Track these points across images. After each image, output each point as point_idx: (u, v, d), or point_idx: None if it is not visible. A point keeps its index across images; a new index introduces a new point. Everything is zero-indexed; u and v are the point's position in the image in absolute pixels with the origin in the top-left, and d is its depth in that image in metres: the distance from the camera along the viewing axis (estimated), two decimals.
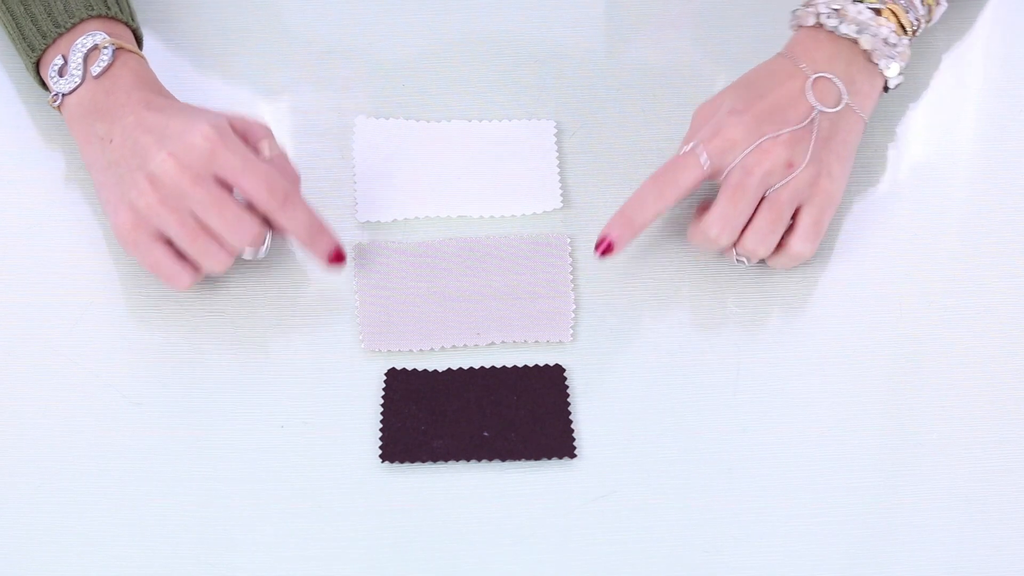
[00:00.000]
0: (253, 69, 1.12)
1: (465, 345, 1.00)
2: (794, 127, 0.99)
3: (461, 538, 0.93)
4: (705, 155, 0.98)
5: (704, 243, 0.99)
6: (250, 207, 0.97)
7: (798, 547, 0.92)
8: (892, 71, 1.03)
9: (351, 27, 1.15)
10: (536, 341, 1.00)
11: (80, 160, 1.07)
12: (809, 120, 0.99)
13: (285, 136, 1.10)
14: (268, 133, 1.00)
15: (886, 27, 1.02)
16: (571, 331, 1.00)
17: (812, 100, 1.00)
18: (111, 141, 0.99)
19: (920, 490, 0.94)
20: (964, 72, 1.14)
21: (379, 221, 1.05)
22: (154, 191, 0.96)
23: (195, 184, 0.96)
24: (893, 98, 1.11)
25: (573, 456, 0.95)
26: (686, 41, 1.15)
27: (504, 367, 0.99)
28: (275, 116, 1.11)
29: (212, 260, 0.97)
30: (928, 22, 1.06)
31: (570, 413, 0.97)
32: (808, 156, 0.98)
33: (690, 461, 0.95)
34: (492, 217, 1.05)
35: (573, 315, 1.01)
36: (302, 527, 0.93)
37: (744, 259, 1.00)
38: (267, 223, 0.99)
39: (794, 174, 0.98)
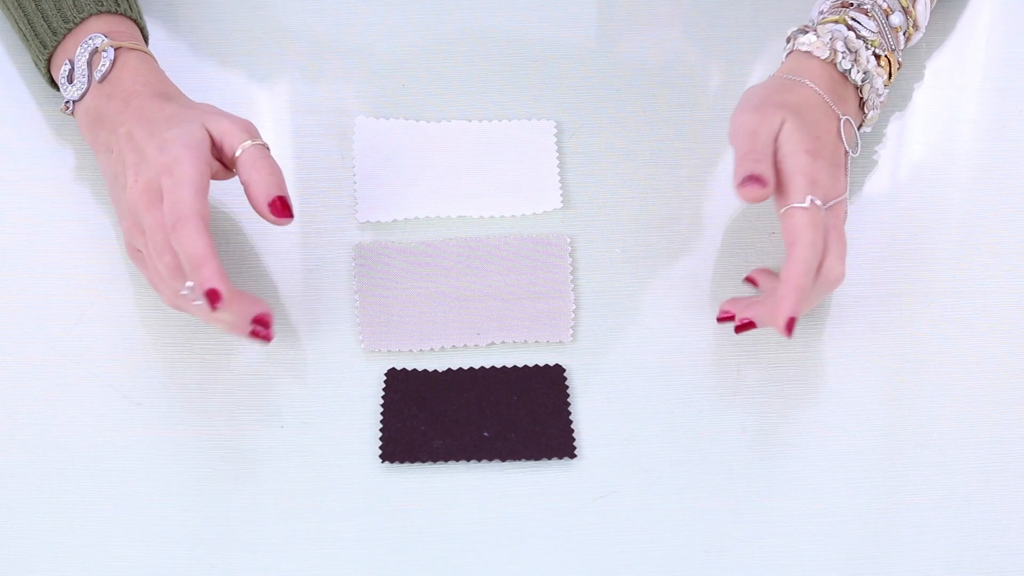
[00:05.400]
0: (253, 69, 1.12)
1: (465, 345, 1.00)
2: (844, 168, 1.00)
3: (461, 538, 0.93)
4: (820, 202, 0.97)
5: (830, 289, 0.97)
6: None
7: (798, 547, 0.92)
8: (871, 121, 1.04)
9: (351, 27, 1.15)
10: (536, 341, 1.00)
11: (80, 160, 1.07)
12: (845, 157, 1.00)
13: (285, 136, 1.10)
14: (243, 136, 0.98)
15: (880, 79, 1.03)
16: (571, 331, 1.00)
17: (845, 143, 1.00)
18: (111, 151, 0.99)
19: (920, 490, 0.94)
20: (964, 72, 1.14)
21: (379, 221, 1.05)
22: (130, 214, 0.97)
23: (149, 209, 0.95)
24: (893, 97, 1.11)
25: (573, 456, 0.95)
26: (686, 40, 1.15)
27: (504, 367, 0.99)
28: (275, 116, 1.11)
29: (158, 286, 0.97)
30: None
31: (570, 413, 0.97)
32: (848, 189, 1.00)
33: (690, 461, 0.95)
34: (492, 217, 1.05)
35: (573, 315, 1.01)
36: (302, 527, 0.93)
37: None
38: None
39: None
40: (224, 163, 0.98)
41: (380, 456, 0.95)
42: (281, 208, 0.97)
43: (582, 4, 1.16)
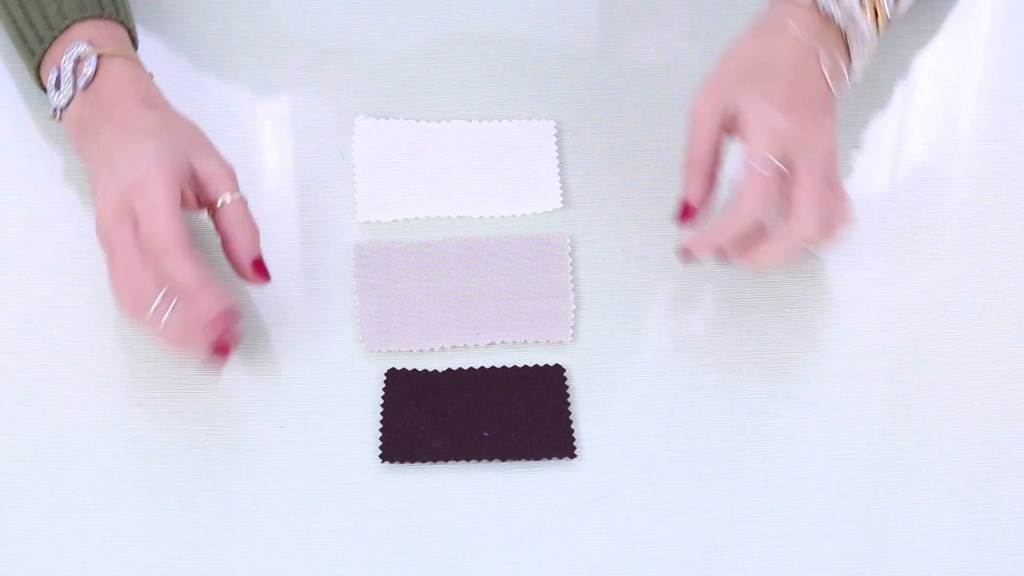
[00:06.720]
0: (253, 69, 1.12)
1: (465, 345, 1.00)
2: (827, 110, 0.98)
3: (461, 538, 0.93)
4: (772, 158, 0.95)
5: (795, 252, 0.96)
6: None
7: (798, 547, 0.92)
8: (858, 66, 1.02)
9: (351, 27, 1.15)
10: (536, 341, 1.00)
11: (79, 160, 1.07)
12: (830, 102, 0.99)
13: (285, 136, 1.10)
14: (230, 185, 0.98)
15: (864, 22, 1.02)
16: (571, 331, 1.00)
17: (828, 79, 0.99)
18: (91, 159, 0.99)
19: (920, 490, 0.94)
20: (964, 72, 1.14)
21: (379, 221, 1.05)
22: (99, 228, 0.97)
23: (118, 226, 0.95)
24: (893, 97, 1.11)
25: (573, 456, 0.95)
26: (687, 41, 1.15)
27: (504, 367, 0.99)
28: (275, 116, 1.11)
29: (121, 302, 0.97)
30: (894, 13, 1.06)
31: (570, 413, 0.97)
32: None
33: (690, 461, 0.95)
34: (492, 217, 1.05)
35: (573, 315, 1.01)
36: (302, 527, 0.93)
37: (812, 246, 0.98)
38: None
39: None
40: (199, 199, 0.98)
41: (380, 456, 0.95)
42: (264, 270, 0.98)
43: (582, 4, 1.16)
